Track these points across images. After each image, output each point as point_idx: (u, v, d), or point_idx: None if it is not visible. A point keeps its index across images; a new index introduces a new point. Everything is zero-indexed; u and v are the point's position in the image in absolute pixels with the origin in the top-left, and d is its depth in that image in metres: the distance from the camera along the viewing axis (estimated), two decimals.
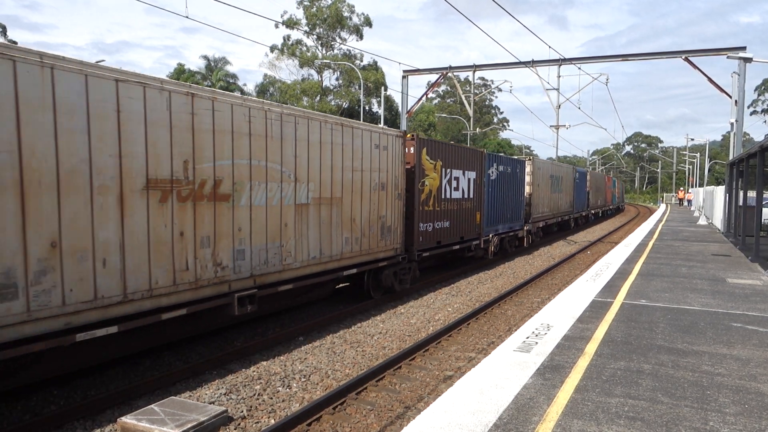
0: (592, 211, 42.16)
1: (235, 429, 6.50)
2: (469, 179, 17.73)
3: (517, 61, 26.78)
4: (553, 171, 29.36)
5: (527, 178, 24.40)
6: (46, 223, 6.15)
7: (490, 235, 19.60)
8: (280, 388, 7.75)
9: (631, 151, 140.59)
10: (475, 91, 52.56)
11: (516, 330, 8.26)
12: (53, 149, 6.20)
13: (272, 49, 58.11)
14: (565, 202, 31.83)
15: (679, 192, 64.30)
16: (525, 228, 23.76)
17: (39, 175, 6.07)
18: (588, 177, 39.93)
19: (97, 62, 6.97)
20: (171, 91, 7.56)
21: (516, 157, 24.26)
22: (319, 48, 59.98)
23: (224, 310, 8.66)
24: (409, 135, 14.25)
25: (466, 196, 17.51)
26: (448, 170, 16.24)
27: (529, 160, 25.28)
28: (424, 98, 39.15)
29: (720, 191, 27.15)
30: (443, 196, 15.94)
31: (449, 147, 16.72)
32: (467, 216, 17.69)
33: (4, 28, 51.44)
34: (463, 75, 56.05)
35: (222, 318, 9.30)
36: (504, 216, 21.20)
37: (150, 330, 7.87)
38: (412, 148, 14.30)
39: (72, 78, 6.37)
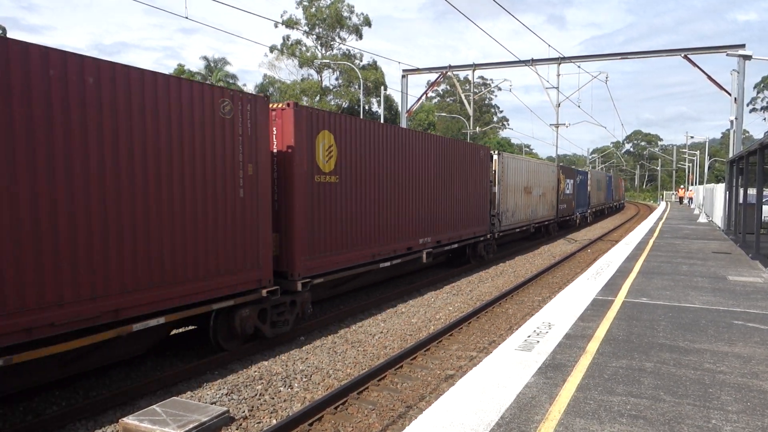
0: (614, 203, 61.18)
1: (236, 429, 6.50)
2: (571, 184, 34.33)
3: (517, 59, 26.78)
4: (598, 177, 47.45)
5: (588, 182, 40.59)
6: (516, 199, 22.79)
7: (577, 213, 36.77)
8: (281, 388, 7.75)
9: (631, 150, 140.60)
10: (475, 90, 52.54)
11: (517, 329, 8.26)
12: (522, 180, 23.71)
13: (272, 49, 58.12)
14: (602, 197, 49.63)
15: (679, 190, 63.73)
16: (588, 212, 40.86)
17: (521, 187, 23.46)
18: (612, 179, 58.22)
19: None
20: (525, 160, 25.91)
21: (583, 170, 41.32)
22: (319, 48, 59.98)
23: (529, 230, 25.34)
24: (556, 163, 33.16)
25: (569, 192, 33.94)
26: (565, 179, 32.48)
27: (589, 171, 42.75)
28: (423, 97, 39.12)
29: (720, 189, 27.14)
30: (564, 192, 32.13)
31: (566, 167, 34.05)
32: (570, 203, 34.10)
33: (5, 30, 51.45)
34: (462, 74, 56.01)
35: (527, 233, 25.93)
36: (581, 204, 37.83)
37: (527, 230, 25.08)
38: (558, 170, 30.95)
39: (516, 161, 23.72)
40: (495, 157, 20.57)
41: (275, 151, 9.82)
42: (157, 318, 7.48)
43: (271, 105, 9.49)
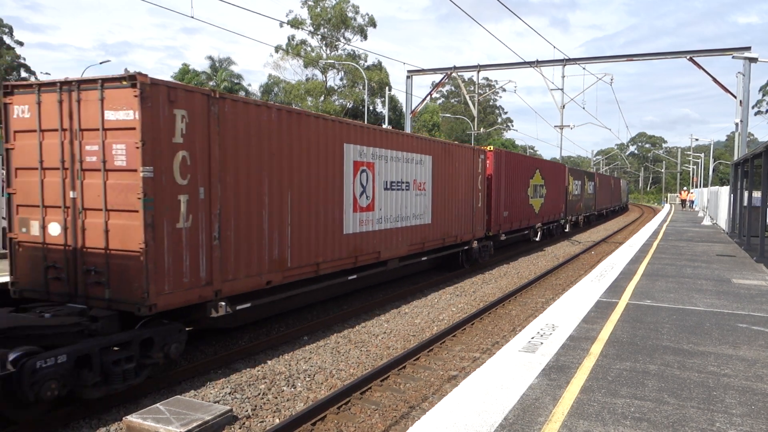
0: (627, 203, 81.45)
1: (240, 428, 6.51)
2: (622, 187, 66.47)
3: (522, 61, 26.72)
4: (623, 182, 70.97)
5: (627, 187, 77.01)
6: (615, 197, 57.06)
7: (626, 202, 73.67)
8: (284, 388, 7.76)
9: (636, 152, 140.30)
10: (480, 91, 52.43)
11: (521, 330, 8.25)
12: (621, 188, 65.21)
13: (277, 49, 58.17)
14: (625, 196, 74.23)
15: (681, 192, 63.15)
16: (628, 202, 77.33)
17: (619, 191, 60.97)
18: (626, 184, 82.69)
19: (101, 63, 7.05)
20: (620, 179, 68.20)
21: (623, 179, 75.07)
22: (324, 48, 60.00)
23: (617, 209, 58.44)
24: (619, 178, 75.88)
25: (623, 192, 68.06)
26: (623, 187, 67.47)
27: (626, 180, 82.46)
28: (428, 98, 39.10)
29: (724, 192, 27.06)
30: (623, 191, 66.44)
31: (623, 180, 74.57)
32: (623, 197, 67.40)
33: (11, 29, 51.67)
34: (467, 75, 55.95)
35: (616, 210, 59.12)
36: (625, 199, 71.48)
37: (617, 209, 59.66)
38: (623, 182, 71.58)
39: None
40: (621, 181, 62.08)
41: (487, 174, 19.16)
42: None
43: (484, 148, 19.24)
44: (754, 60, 22.60)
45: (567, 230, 32.02)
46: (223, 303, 8.08)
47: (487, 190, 18.82)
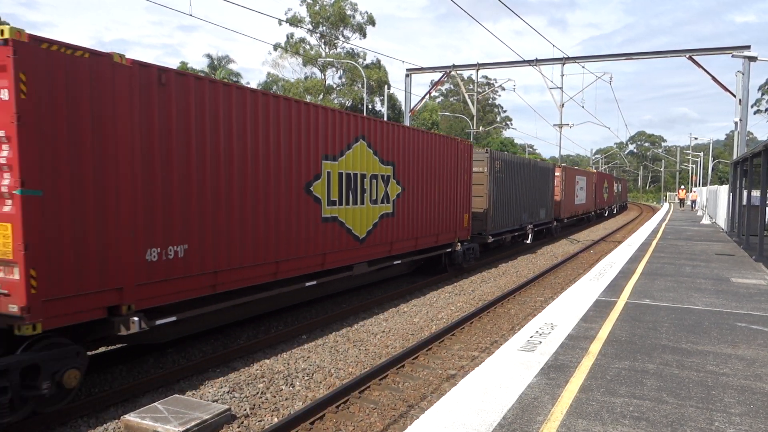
0: (626, 201, 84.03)
1: (238, 427, 6.50)
2: (626, 187, 77.80)
3: (521, 59, 26.68)
4: (626, 183, 79.11)
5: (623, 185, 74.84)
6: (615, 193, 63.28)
7: (627, 200, 78.27)
8: (283, 387, 7.75)
9: (635, 150, 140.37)
10: (479, 89, 52.41)
11: (520, 329, 8.26)
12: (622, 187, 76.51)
13: (276, 47, 58.09)
14: (623, 194, 75.42)
15: (680, 191, 62.43)
16: (627, 201, 78.21)
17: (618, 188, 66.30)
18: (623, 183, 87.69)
19: None
20: (622, 179, 75.51)
21: (620, 177, 74.12)
22: (323, 46, 59.94)
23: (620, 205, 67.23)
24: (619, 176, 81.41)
25: (625, 191, 76.91)
26: (620, 184, 65.08)
27: (623, 180, 74.43)
28: (427, 97, 39.07)
29: (723, 190, 27.09)
30: (623, 191, 72.42)
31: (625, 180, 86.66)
32: (625, 195, 76.10)
33: None
34: (466, 74, 55.87)
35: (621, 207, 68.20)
36: (624, 197, 73.07)
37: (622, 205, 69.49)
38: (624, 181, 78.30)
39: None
40: (626, 182, 75.84)
41: (595, 182, 42.11)
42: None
43: (594, 171, 44.83)
44: (753, 59, 22.60)
45: (615, 213, 54.57)
46: (557, 224, 29.33)
47: (595, 189, 39.79)
